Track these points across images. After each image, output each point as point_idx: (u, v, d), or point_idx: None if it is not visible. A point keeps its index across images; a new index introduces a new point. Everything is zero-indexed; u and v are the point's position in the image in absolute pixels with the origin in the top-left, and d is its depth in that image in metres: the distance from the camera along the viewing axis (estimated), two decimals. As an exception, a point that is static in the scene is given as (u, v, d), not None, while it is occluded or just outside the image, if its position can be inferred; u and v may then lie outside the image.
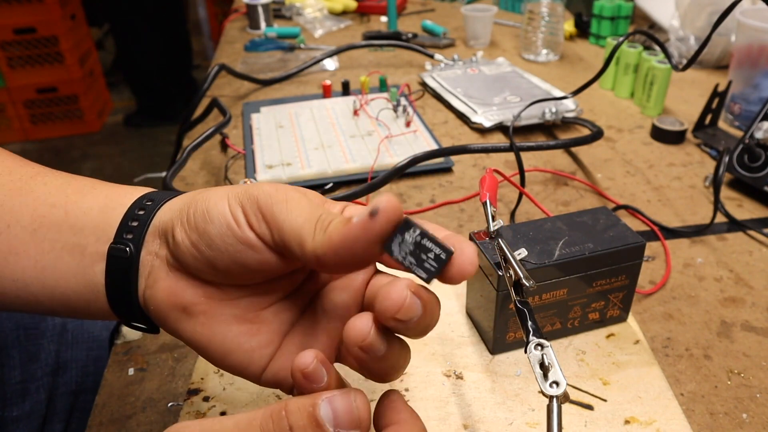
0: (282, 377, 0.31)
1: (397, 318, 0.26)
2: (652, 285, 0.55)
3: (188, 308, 0.30)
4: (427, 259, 0.26)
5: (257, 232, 0.28)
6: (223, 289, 0.30)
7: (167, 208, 0.32)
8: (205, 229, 0.28)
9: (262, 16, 1.22)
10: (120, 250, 0.31)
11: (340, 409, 0.24)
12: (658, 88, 0.84)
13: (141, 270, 0.31)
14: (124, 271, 0.31)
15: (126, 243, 0.31)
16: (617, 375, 0.45)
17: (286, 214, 0.27)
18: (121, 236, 0.31)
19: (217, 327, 0.30)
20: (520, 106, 0.82)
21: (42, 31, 2.45)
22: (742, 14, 0.80)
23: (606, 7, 1.09)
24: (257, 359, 0.31)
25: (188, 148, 0.69)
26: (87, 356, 0.58)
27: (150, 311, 0.31)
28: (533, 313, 0.33)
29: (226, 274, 0.29)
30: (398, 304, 0.25)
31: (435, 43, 1.14)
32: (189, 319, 0.30)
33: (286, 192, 0.29)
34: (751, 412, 0.43)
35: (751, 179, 0.66)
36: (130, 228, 0.31)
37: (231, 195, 0.29)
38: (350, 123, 0.81)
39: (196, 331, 0.30)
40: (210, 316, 0.30)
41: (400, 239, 0.25)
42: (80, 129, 2.70)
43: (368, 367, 0.28)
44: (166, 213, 0.31)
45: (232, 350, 0.30)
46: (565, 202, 0.67)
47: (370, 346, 0.26)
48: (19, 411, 0.54)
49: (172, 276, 0.30)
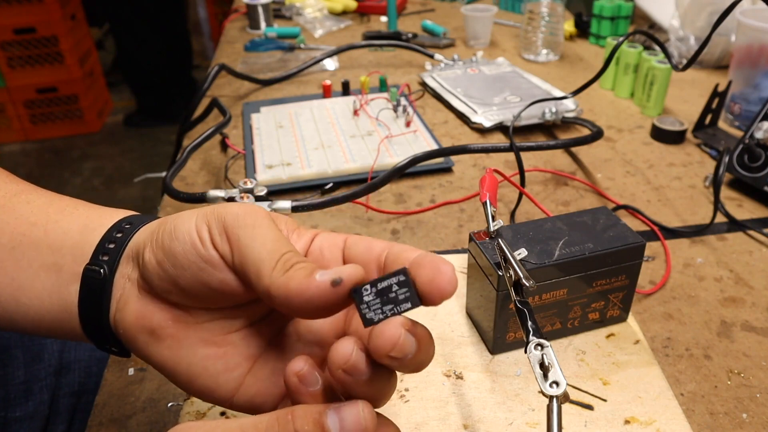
0: (258, 402, 0.30)
1: (392, 356, 0.25)
2: (652, 285, 0.55)
3: (156, 331, 0.30)
4: (395, 293, 0.25)
5: (219, 251, 0.28)
6: (191, 312, 0.30)
7: (142, 230, 0.32)
8: (171, 246, 0.28)
9: (262, 16, 1.22)
10: (94, 272, 0.31)
11: (348, 419, 0.24)
12: (658, 88, 0.84)
13: (114, 292, 0.31)
14: (97, 293, 0.31)
15: (101, 264, 0.31)
16: (617, 375, 0.45)
17: (250, 240, 0.27)
18: (97, 257, 0.31)
19: (184, 351, 0.30)
20: (520, 106, 0.82)
21: (42, 31, 2.45)
22: (742, 14, 0.80)
23: (606, 7, 1.09)
24: (224, 383, 0.30)
25: (188, 148, 0.69)
26: (90, 357, 0.58)
27: (120, 334, 0.31)
28: (533, 313, 0.33)
29: (190, 294, 0.29)
30: (392, 342, 0.25)
31: (435, 43, 1.14)
32: (157, 343, 0.30)
33: (255, 217, 0.28)
34: (751, 412, 0.43)
35: (751, 179, 0.66)
36: (107, 250, 0.31)
37: (199, 214, 0.29)
38: (350, 123, 0.81)
39: (163, 355, 0.30)
40: (177, 340, 0.30)
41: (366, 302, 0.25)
42: (80, 129, 2.70)
43: (353, 391, 0.26)
44: (140, 235, 0.31)
45: (198, 374, 0.30)
46: (565, 202, 0.67)
47: (354, 368, 0.25)
48: (22, 411, 0.54)
49: (142, 299, 0.30)
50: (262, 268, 0.26)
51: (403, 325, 0.25)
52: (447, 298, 0.25)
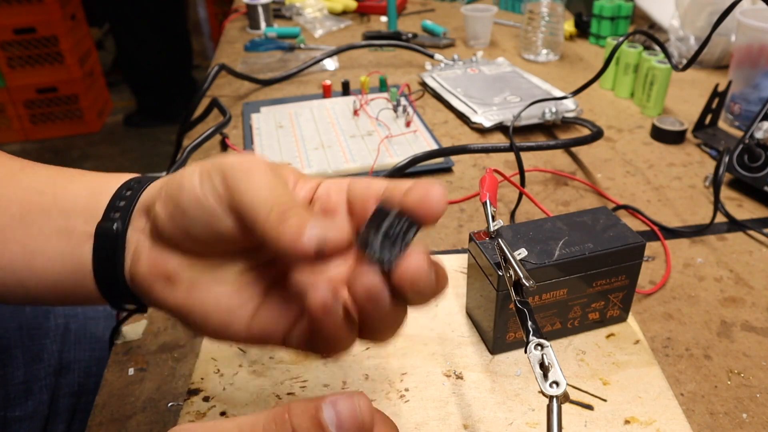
0: (270, 330, 0.31)
1: (415, 289, 0.26)
2: (652, 285, 0.55)
3: (172, 277, 0.31)
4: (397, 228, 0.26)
5: (222, 200, 0.29)
6: (203, 256, 0.31)
7: (151, 186, 0.33)
8: (179, 198, 0.30)
9: (262, 16, 1.22)
10: (107, 228, 0.32)
11: (344, 413, 0.24)
12: (658, 88, 0.84)
13: (127, 246, 0.32)
14: (111, 249, 0.32)
15: (113, 220, 0.32)
16: (617, 375, 0.45)
17: (246, 188, 0.28)
18: (108, 215, 0.32)
19: (198, 292, 0.31)
20: (520, 106, 0.82)
21: (42, 31, 2.45)
22: (742, 14, 0.80)
23: (606, 7, 1.09)
24: (238, 318, 0.31)
25: (188, 148, 0.69)
26: (90, 357, 0.58)
27: (136, 285, 0.32)
28: (533, 313, 0.33)
29: (200, 240, 0.30)
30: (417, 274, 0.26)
31: (435, 43, 1.14)
32: (172, 287, 0.31)
33: (251, 165, 0.29)
34: (751, 412, 0.43)
35: (751, 179, 0.66)
36: (118, 207, 0.32)
37: (202, 166, 0.30)
38: (350, 123, 0.81)
39: (177, 298, 0.31)
40: (192, 283, 0.31)
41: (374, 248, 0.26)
42: (80, 129, 2.70)
43: (371, 319, 0.28)
44: (149, 190, 0.33)
45: (212, 311, 0.31)
46: (565, 202, 0.67)
47: (378, 296, 0.27)
48: (22, 411, 0.54)
49: (155, 248, 0.31)
50: (256, 216, 0.27)
51: (425, 257, 0.26)
52: (438, 215, 0.27)
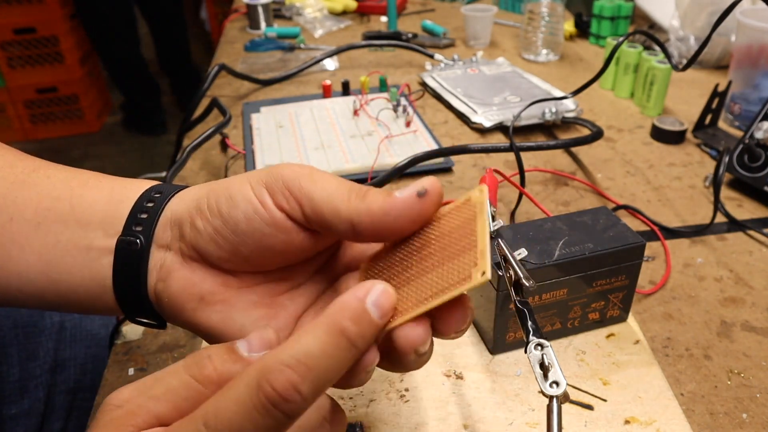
0: None
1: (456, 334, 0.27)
2: (652, 285, 0.55)
3: (206, 297, 0.30)
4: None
5: (286, 211, 0.28)
6: (240, 276, 0.30)
7: (179, 198, 0.31)
8: (230, 213, 0.28)
9: (262, 16, 1.22)
10: (130, 243, 0.31)
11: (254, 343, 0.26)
12: (658, 88, 0.84)
13: (151, 262, 0.31)
14: (133, 264, 0.31)
15: (136, 235, 0.31)
16: (617, 375, 0.45)
17: (314, 184, 0.28)
18: (130, 228, 0.31)
19: (235, 314, 0.30)
20: (520, 106, 0.82)
21: (42, 31, 2.45)
22: (742, 14, 0.80)
23: (606, 7, 1.09)
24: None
25: (188, 148, 0.69)
26: (85, 354, 0.58)
27: (163, 303, 0.31)
28: (533, 313, 0.33)
29: (249, 259, 0.29)
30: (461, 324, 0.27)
31: (435, 43, 1.14)
32: (206, 308, 0.30)
33: (309, 168, 0.29)
34: (751, 412, 0.43)
35: (751, 179, 0.66)
36: (140, 220, 0.31)
37: (252, 178, 0.29)
38: (350, 123, 0.81)
39: (211, 319, 0.30)
40: (228, 304, 0.30)
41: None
42: (80, 129, 2.69)
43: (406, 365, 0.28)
44: (179, 204, 0.31)
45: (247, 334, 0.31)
46: (565, 202, 0.67)
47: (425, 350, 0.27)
48: (17, 409, 0.54)
49: (188, 267, 0.30)
50: (336, 202, 0.27)
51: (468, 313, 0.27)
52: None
